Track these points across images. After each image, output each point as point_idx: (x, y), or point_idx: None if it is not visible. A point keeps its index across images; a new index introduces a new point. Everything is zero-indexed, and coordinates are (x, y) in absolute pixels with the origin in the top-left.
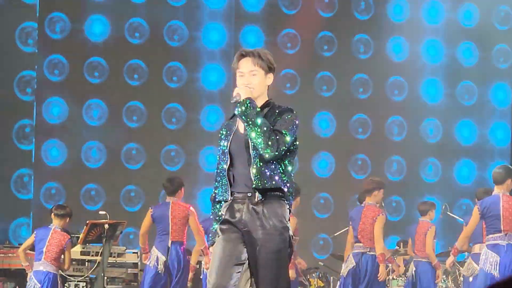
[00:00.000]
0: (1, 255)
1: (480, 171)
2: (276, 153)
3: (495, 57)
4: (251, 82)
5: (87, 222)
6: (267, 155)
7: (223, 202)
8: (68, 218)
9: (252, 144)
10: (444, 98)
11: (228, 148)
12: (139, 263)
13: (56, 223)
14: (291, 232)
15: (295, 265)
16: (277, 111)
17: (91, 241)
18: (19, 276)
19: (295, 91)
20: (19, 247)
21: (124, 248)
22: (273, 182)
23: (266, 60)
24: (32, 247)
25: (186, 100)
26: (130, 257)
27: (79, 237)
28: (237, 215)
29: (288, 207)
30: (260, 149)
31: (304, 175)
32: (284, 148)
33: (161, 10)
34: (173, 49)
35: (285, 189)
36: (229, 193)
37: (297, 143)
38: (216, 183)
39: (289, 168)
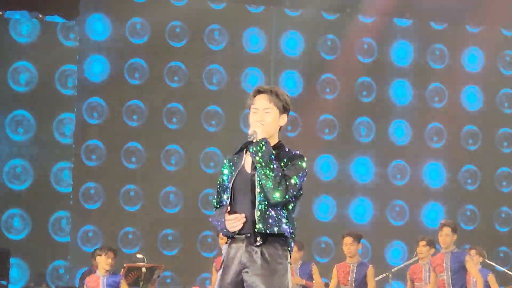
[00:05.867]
0: None
1: None
2: (284, 198)
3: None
4: (264, 119)
5: (125, 265)
6: (274, 200)
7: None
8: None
9: (259, 185)
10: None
11: (231, 184)
12: None
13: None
14: (289, 275)
15: None
16: (287, 155)
17: (129, 284)
18: None
19: (333, 136)
20: None
21: None
22: (277, 228)
23: (283, 100)
24: None
25: (224, 143)
26: None
27: None
28: (236, 257)
29: (289, 249)
30: (268, 193)
31: (340, 220)
32: (291, 194)
33: (200, 55)
34: (212, 93)
35: (288, 235)
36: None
37: (301, 191)
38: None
39: (292, 213)
